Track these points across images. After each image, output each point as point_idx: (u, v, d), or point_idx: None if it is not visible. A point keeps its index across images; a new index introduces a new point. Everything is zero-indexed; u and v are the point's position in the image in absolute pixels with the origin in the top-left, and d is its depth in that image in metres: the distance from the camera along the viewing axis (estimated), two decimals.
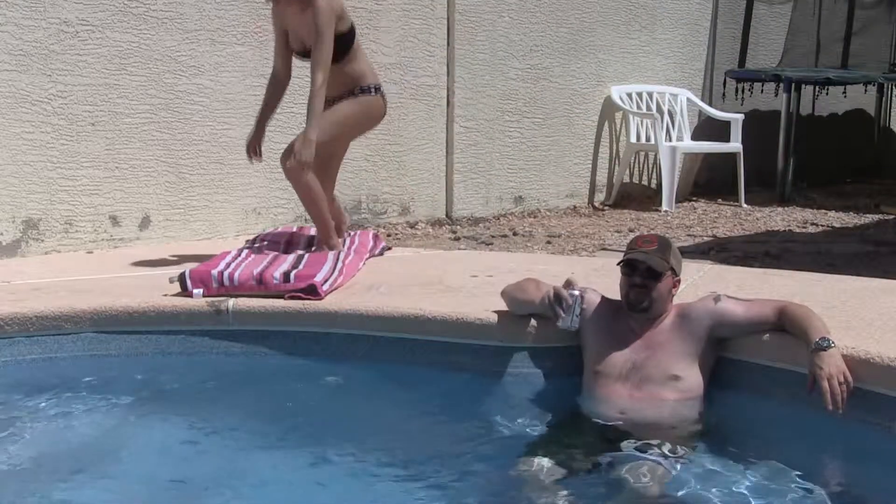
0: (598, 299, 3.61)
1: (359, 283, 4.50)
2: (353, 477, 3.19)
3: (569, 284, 3.56)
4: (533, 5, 7.67)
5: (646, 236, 3.67)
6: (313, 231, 5.14)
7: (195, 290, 4.21)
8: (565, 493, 2.95)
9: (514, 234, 6.95)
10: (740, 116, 8.56)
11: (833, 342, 3.22)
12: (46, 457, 3.34)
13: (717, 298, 3.52)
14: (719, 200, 8.64)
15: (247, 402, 3.87)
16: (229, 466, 3.29)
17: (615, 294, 3.58)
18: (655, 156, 8.43)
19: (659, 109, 8.44)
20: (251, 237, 5.39)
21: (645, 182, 8.73)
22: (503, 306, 4.02)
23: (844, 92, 9.87)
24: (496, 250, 6.34)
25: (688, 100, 8.72)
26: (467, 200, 7.44)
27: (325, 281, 4.25)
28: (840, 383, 3.15)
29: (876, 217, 8.06)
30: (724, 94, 9.12)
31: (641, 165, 8.67)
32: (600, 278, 4.32)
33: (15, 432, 3.48)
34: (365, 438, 3.48)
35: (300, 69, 6.37)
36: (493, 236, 6.81)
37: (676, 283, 3.57)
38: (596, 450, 3.20)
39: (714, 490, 2.97)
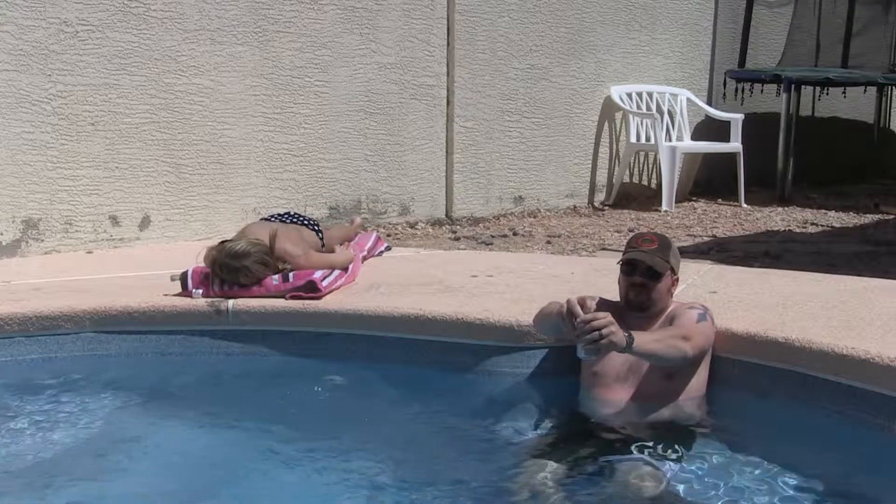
0: (595, 301, 3.59)
1: (359, 283, 4.50)
2: (352, 477, 3.18)
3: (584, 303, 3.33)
4: (533, 5, 7.66)
5: (646, 235, 3.66)
6: None
7: (195, 290, 4.21)
8: (563, 493, 2.95)
9: (514, 234, 6.95)
10: (740, 116, 8.56)
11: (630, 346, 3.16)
12: (46, 456, 3.33)
13: (701, 314, 3.48)
14: (719, 200, 8.63)
15: (246, 402, 3.87)
16: (229, 466, 3.29)
17: (615, 293, 3.58)
18: (655, 156, 8.43)
19: (659, 109, 8.43)
20: None
21: (645, 182, 8.73)
22: (503, 306, 4.02)
23: (844, 92, 9.87)
24: (496, 250, 6.34)
25: (688, 100, 8.72)
26: (467, 200, 7.44)
27: (325, 278, 4.26)
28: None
29: (876, 217, 8.06)
30: (724, 94, 9.11)
31: (641, 165, 8.67)
32: (600, 278, 4.32)
33: (14, 432, 3.48)
34: (364, 438, 3.48)
35: (298, 69, 6.40)
36: (493, 236, 6.81)
37: (675, 282, 3.57)
38: (594, 450, 3.20)
39: (713, 490, 2.97)
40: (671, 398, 3.45)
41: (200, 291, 4.21)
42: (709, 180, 9.01)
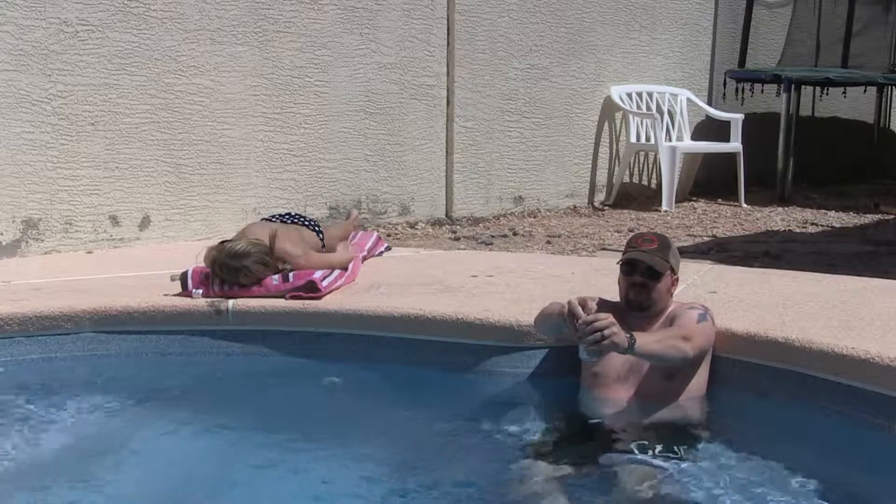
0: (595, 302, 3.58)
1: (359, 283, 4.50)
2: (351, 477, 3.18)
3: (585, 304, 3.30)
4: (533, 5, 7.66)
5: (646, 235, 3.66)
6: None
7: (195, 290, 4.21)
8: (564, 493, 2.95)
9: (514, 234, 6.95)
10: (740, 116, 8.56)
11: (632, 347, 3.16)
12: (46, 456, 3.34)
13: (701, 314, 3.49)
14: (719, 200, 8.63)
15: (246, 403, 3.87)
16: (228, 466, 3.28)
17: (615, 293, 3.58)
18: (655, 156, 8.43)
19: (659, 109, 8.43)
20: None
21: (645, 182, 8.73)
22: (503, 306, 4.02)
23: (844, 92, 9.87)
24: (496, 250, 6.34)
25: (688, 100, 8.72)
26: (467, 200, 7.44)
27: (324, 278, 4.26)
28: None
29: (876, 217, 8.06)
30: (724, 94, 9.11)
31: (641, 165, 8.67)
32: (600, 278, 4.32)
33: (14, 432, 3.48)
34: (364, 438, 3.48)
35: (298, 69, 6.40)
36: (493, 236, 6.81)
37: (675, 282, 3.57)
38: (594, 451, 3.20)
39: (712, 490, 2.97)
40: (671, 398, 3.45)
41: (200, 291, 4.21)
42: (709, 180, 9.01)
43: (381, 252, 5.30)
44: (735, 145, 8.46)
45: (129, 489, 3.12)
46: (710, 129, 8.85)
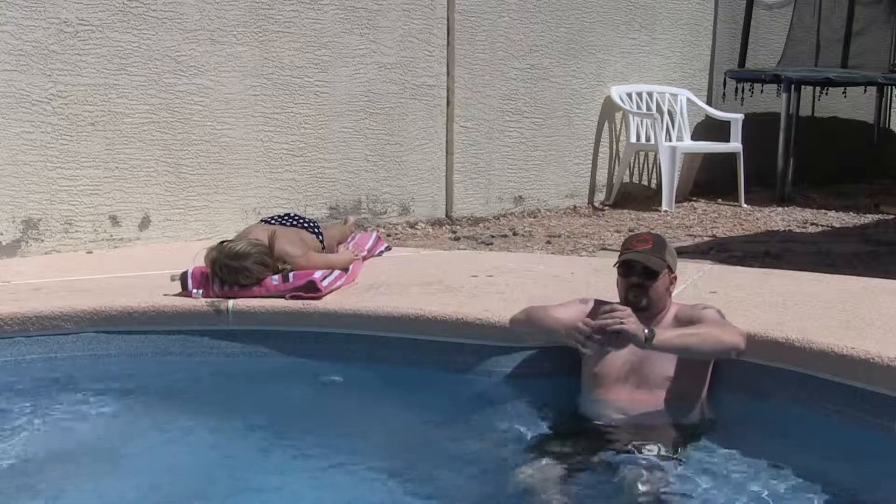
0: (594, 303, 3.59)
1: (359, 283, 4.50)
2: (352, 477, 3.19)
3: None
4: (533, 5, 7.67)
5: (640, 235, 3.67)
6: None
7: (195, 291, 4.21)
8: (563, 494, 2.95)
9: (514, 234, 6.95)
10: (740, 116, 8.56)
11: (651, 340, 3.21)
12: (46, 456, 3.34)
13: (717, 311, 3.49)
14: (719, 200, 8.63)
15: (246, 402, 3.87)
16: (228, 466, 3.29)
17: (615, 294, 3.58)
18: (655, 156, 8.43)
19: (659, 109, 8.43)
20: None
21: (645, 182, 8.73)
22: (503, 306, 4.02)
23: (844, 92, 9.87)
24: (496, 250, 6.34)
25: (688, 100, 8.72)
26: (467, 200, 7.44)
27: (325, 278, 4.26)
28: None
29: (876, 217, 8.06)
30: (724, 94, 9.11)
31: (641, 165, 8.67)
32: (600, 278, 4.32)
33: (15, 432, 3.48)
34: (364, 438, 3.48)
35: (298, 69, 6.40)
36: (493, 236, 6.81)
37: (673, 280, 3.57)
38: (595, 451, 3.20)
39: (713, 491, 2.97)
40: (671, 398, 3.45)
41: (200, 291, 4.21)
42: (709, 180, 9.01)
43: (381, 252, 5.30)
44: (735, 145, 8.46)
45: (129, 489, 3.12)
46: (710, 129, 8.86)
